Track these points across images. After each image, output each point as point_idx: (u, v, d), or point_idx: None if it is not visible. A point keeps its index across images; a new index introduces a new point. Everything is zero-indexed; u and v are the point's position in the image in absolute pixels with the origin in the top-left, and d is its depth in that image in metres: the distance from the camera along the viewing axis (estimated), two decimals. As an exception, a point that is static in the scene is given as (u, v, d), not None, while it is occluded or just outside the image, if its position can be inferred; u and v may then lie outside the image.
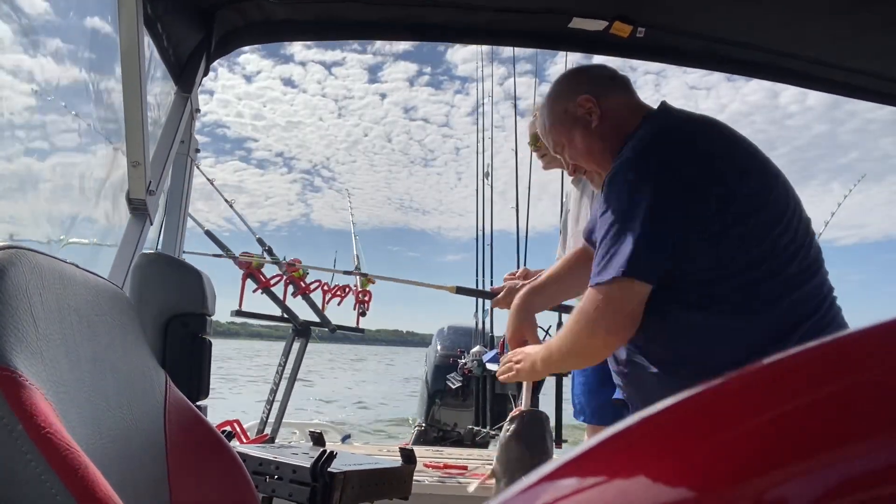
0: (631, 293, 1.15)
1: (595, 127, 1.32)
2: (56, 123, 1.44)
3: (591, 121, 1.33)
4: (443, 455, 3.42)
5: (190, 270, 1.18)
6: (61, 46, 1.41)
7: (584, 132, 1.33)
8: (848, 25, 1.81)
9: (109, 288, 0.89)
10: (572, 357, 1.30)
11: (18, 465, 0.52)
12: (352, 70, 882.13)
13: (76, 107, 1.45)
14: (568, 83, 1.40)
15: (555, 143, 1.41)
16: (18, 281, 0.62)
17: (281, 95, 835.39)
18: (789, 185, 1.24)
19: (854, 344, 0.28)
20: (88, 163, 1.65)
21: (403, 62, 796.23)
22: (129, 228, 1.63)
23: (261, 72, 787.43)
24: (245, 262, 3.17)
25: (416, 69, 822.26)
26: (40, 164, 1.42)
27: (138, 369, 0.93)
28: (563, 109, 1.36)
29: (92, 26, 1.56)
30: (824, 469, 0.24)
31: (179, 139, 1.93)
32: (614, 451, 0.30)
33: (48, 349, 0.64)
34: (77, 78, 1.51)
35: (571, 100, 1.34)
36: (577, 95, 1.34)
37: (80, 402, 0.72)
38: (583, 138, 1.34)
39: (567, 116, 1.35)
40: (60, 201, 1.56)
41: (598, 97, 1.33)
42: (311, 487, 1.36)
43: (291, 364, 3.42)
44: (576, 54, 2.79)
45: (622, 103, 1.35)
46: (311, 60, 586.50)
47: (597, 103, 1.33)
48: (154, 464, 0.91)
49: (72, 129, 1.46)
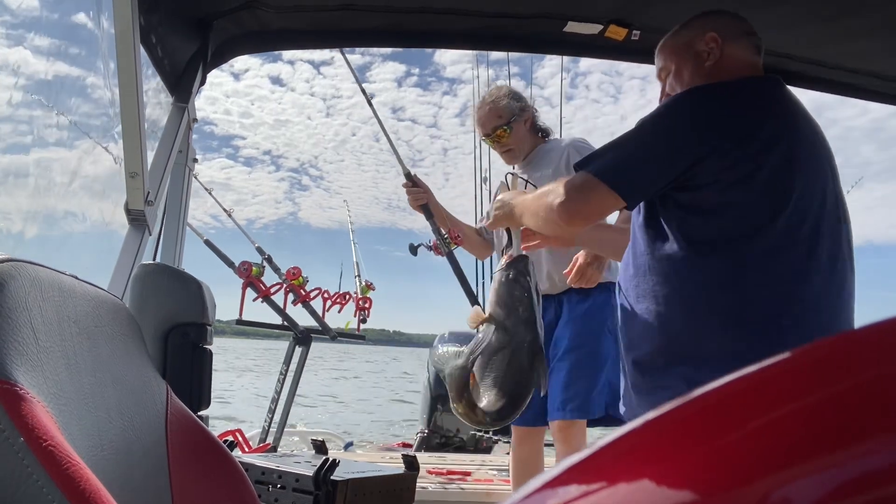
0: (601, 195, 1.23)
1: (707, 66, 1.33)
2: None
3: (706, 59, 1.34)
4: (446, 461, 3.41)
5: (189, 280, 1.18)
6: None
7: (696, 67, 1.34)
8: (847, 26, 1.81)
9: (109, 299, 0.89)
10: (532, 217, 1.39)
11: (20, 479, 0.52)
12: (340, 70, 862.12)
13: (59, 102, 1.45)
14: (705, 18, 1.39)
15: (662, 67, 1.42)
16: (18, 294, 0.62)
17: (269, 94, 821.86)
18: (832, 191, 1.27)
19: (855, 343, 0.28)
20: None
21: (392, 63, 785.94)
22: (127, 239, 1.63)
23: (249, 70, 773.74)
24: (245, 271, 3.17)
25: (404, 70, 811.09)
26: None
27: (139, 380, 0.93)
28: (689, 39, 1.37)
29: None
30: (827, 471, 0.24)
31: (177, 149, 1.93)
32: (617, 455, 0.30)
33: (48, 361, 0.64)
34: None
35: (700, 34, 1.35)
36: (707, 32, 1.34)
37: (81, 414, 0.71)
38: (691, 73, 1.35)
39: (688, 47, 1.36)
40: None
41: (725, 40, 1.33)
42: (314, 496, 1.35)
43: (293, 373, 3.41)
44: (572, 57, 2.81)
45: (742, 57, 1.34)
46: (300, 59, 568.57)
47: (720, 45, 1.33)
48: (156, 475, 0.91)
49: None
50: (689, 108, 1.25)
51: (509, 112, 2.33)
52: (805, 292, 1.17)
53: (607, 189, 1.23)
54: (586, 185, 1.26)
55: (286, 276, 3.29)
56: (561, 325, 2.24)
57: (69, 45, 1.58)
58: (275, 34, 2.04)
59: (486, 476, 3.01)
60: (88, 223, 1.83)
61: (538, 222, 1.38)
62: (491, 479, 2.96)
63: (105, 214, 1.76)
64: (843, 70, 2.01)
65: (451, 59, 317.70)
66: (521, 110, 2.35)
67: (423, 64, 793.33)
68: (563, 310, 2.25)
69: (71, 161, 1.65)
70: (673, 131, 1.24)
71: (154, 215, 1.70)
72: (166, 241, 2.12)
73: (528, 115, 2.37)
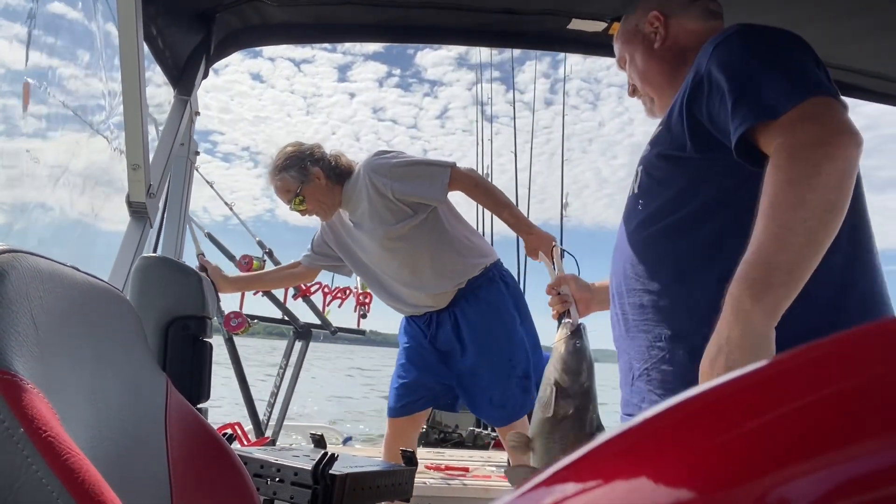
0: (838, 109, 0.90)
1: (657, 48, 1.24)
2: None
3: (654, 41, 1.25)
4: (444, 457, 3.42)
5: (190, 273, 1.18)
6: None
7: (645, 51, 1.26)
8: (847, 26, 1.81)
9: (110, 291, 0.89)
10: (807, 231, 0.84)
11: (20, 469, 0.52)
12: (321, 68, 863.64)
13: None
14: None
15: (619, 57, 1.34)
16: (19, 284, 0.62)
17: (249, 90, 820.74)
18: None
19: (855, 342, 0.28)
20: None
21: (373, 63, 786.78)
22: (129, 231, 1.64)
23: (229, 66, 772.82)
24: (245, 264, 3.18)
25: (385, 70, 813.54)
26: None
27: (139, 372, 0.93)
28: (635, 23, 1.28)
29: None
30: (826, 469, 0.24)
31: (179, 142, 1.93)
32: (614, 453, 0.30)
33: (49, 352, 0.64)
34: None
35: (643, 15, 1.26)
36: (650, 11, 1.25)
37: (81, 406, 0.72)
38: (642, 58, 1.26)
39: (636, 32, 1.28)
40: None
41: (668, 16, 1.24)
42: (312, 490, 1.35)
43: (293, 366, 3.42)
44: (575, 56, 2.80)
45: (694, 28, 1.23)
46: (281, 56, 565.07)
47: (663, 23, 1.24)
48: (155, 467, 0.91)
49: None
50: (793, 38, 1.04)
51: (293, 183, 2.20)
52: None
53: (834, 100, 0.92)
54: (826, 110, 0.90)
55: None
56: (464, 327, 2.22)
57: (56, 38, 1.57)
58: (277, 28, 2.04)
59: (484, 472, 3.02)
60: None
61: (823, 204, 0.85)
62: (489, 475, 2.96)
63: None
64: (843, 70, 2.01)
65: (433, 60, 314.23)
66: (304, 173, 2.19)
67: (405, 65, 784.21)
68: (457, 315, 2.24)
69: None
70: (803, 46, 1.03)
71: (155, 207, 1.70)
72: (167, 234, 2.12)
73: (315, 173, 2.20)
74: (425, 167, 2.14)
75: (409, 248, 2.16)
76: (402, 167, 2.12)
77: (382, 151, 2.19)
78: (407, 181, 2.11)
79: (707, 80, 1.03)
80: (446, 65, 52.39)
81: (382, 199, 2.12)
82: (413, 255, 2.17)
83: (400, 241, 2.16)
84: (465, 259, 2.21)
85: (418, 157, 2.17)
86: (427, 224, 2.16)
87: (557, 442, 1.18)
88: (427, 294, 2.22)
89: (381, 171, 2.11)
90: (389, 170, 2.11)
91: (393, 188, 2.10)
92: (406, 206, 2.13)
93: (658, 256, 1.12)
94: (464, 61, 47.00)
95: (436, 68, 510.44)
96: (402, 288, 2.25)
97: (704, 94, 1.03)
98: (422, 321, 2.29)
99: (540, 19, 1.96)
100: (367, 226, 2.18)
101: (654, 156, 1.14)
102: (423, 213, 2.15)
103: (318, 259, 2.46)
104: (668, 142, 1.11)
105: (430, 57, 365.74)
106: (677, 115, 1.09)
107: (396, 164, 2.12)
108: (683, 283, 1.07)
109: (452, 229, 2.22)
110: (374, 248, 2.22)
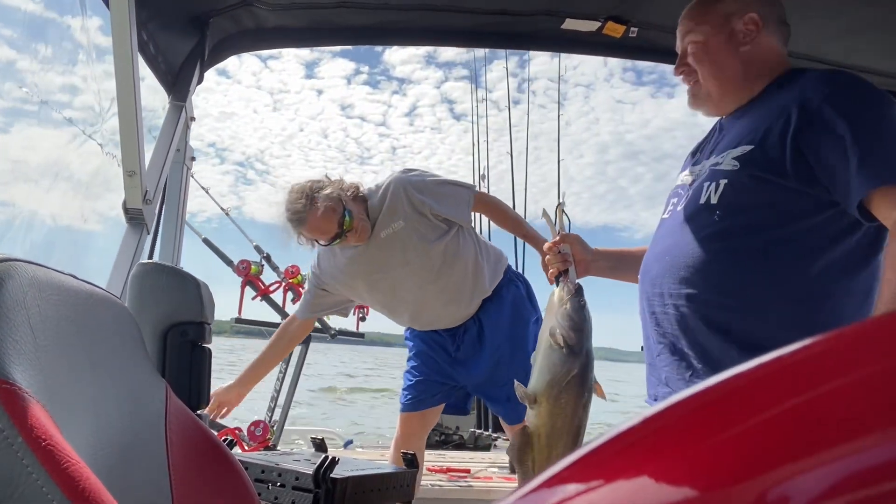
0: None
1: (742, 51, 1.25)
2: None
3: (741, 42, 1.25)
4: (445, 458, 3.42)
5: (188, 279, 1.18)
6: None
7: (727, 47, 1.25)
8: (845, 24, 1.81)
9: (107, 298, 0.89)
10: None
11: (19, 478, 0.52)
12: (288, 64, 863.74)
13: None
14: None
15: (686, 30, 1.31)
16: (16, 293, 0.62)
17: (214, 85, 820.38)
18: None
19: (856, 340, 0.28)
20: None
21: (341, 59, 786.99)
22: (126, 238, 1.63)
23: None
24: (243, 269, 3.18)
25: (353, 67, 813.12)
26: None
27: (138, 379, 0.92)
28: (729, 12, 1.26)
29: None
30: (826, 467, 0.24)
31: (175, 148, 1.93)
32: (617, 451, 0.30)
33: (47, 361, 0.64)
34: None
35: (741, 11, 1.25)
36: (749, 11, 1.25)
37: (80, 414, 0.71)
38: (719, 50, 1.26)
39: (726, 21, 1.26)
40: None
41: (764, 24, 1.25)
42: (313, 494, 1.35)
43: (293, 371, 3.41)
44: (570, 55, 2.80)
45: (775, 48, 1.27)
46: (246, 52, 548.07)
47: (759, 29, 1.24)
48: (156, 473, 0.91)
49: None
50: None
51: (338, 200, 2.04)
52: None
53: None
54: None
55: (285, 274, 3.30)
56: (489, 328, 2.24)
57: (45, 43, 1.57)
58: (272, 32, 2.04)
59: (485, 474, 3.02)
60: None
61: None
62: (490, 476, 2.96)
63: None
64: (842, 69, 2.01)
65: (401, 58, 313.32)
66: (342, 189, 2.08)
67: (373, 62, 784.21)
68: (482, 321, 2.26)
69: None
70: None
71: (152, 214, 1.70)
72: (165, 240, 2.12)
73: (351, 188, 2.10)
74: (454, 187, 2.19)
75: (459, 263, 2.18)
76: (437, 185, 2.15)
77: (409, 169, 2.18)
78: (443, 199, 2.14)
79: (820, 121, 1.10)
80: (414, 63, 52.16)
81: (420, 216, 2.12)
82: (461, 270, 2.19)
83: (450, 257, 2.17)
84: (493, 266, 2.28)
85: (445, 177, 2.21)
86: (459, 238, 2.19)
87: (564, 402, 1.20)
88: (465, 306, 2.24)
89: (419, 188, 2.11)
90: (427, 187, 2.13)
91: (431, 205, 2.12)
92: (440, 221, 2.15)
93: (749, 269, 1.18)
94: (432, 59, 47.48)
95: (404, 66, 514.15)
96: (440, 308, 2.23)
97: (817, 133, 1.10)
98: (449, 331, 2.30)
99: (534, 20, 1.96)
100: (411, 248, 2.13)
101: (746, 176, 1.17)
102: (454, 229, 2.18)
103: (317, 309, 2.41)
104: (762, 165, 1.15)
105: (398, 55, 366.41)
106: (778, 143, 1.14)
107: (433, 182, 2.15)
108: (779, 298, 1.14)
109: (476, 241, 2.27)
110: (421, 270, 2.17)
